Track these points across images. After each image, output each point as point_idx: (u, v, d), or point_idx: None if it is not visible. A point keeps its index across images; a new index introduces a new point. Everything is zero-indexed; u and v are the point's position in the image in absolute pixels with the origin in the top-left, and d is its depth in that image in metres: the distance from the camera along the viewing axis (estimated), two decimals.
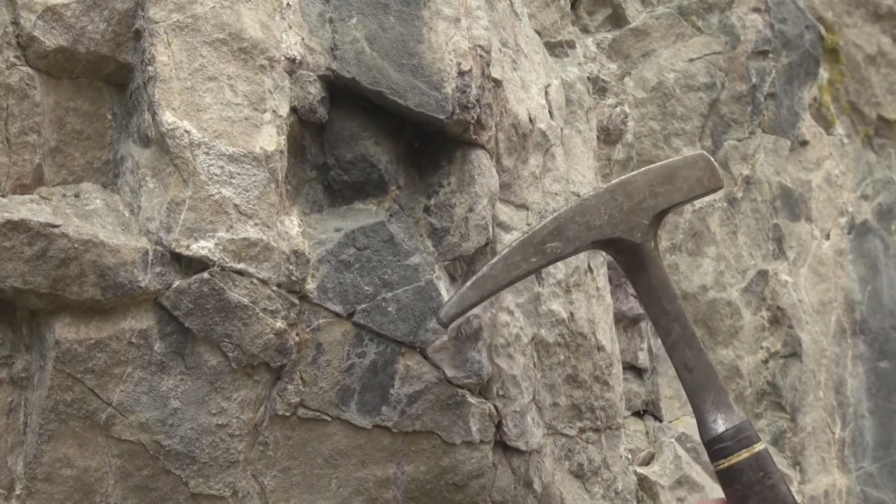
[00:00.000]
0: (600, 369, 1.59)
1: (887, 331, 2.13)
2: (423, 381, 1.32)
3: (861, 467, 2.04)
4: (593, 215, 1.35)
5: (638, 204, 1.37)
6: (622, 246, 1.37)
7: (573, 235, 1.34)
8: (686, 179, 1.39)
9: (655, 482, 1.70)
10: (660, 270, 1.39)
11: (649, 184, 1.38)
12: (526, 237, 1.31)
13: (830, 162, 2.05)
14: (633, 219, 1.36)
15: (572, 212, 1.34)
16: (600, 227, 1.35)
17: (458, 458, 1.36)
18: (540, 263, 1.32)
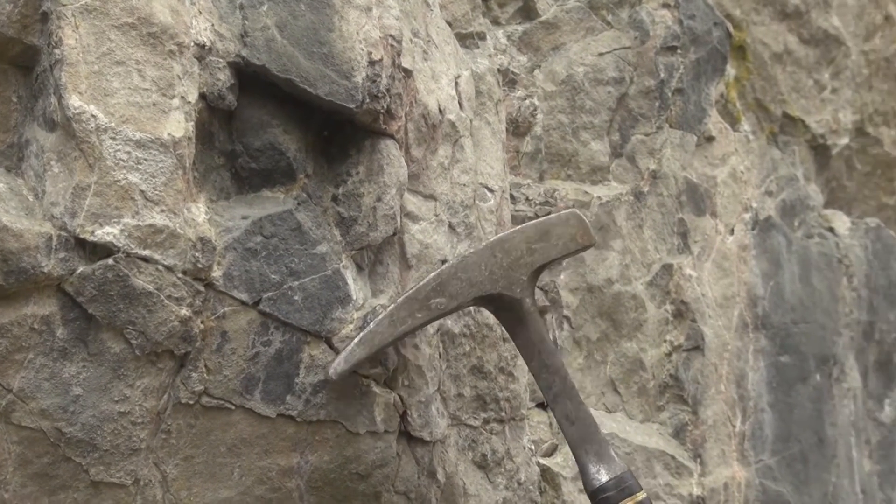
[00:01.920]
0: (505, 361, 1.65)
1: (788, 326, 2.22)
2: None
3: (760, 460, 2.12)
4: (474, 272, 1.45)
5: (516, 260, 1.47)
6: (503, 302, 1.47)
7: (456, 291, 1.44)
8: (560, 237, 1.50)
9: (558, 473, 1.77)
10: (539, 325, 1.49)
11: (526, 241, 1.49)
12: (411, 293, 1.40)
13: (736, 158, 2.13)
14: (513, 275, 1.48)
15: (454, 268, 1.43)
16: (481, 283, 1.46)
17: (363, 448, 1.40)
18: (425, 319, 1.42)
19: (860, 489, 2.39)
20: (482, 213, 1.61)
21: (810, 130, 2.35)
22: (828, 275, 2.36)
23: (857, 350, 2.45)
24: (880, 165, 2.64)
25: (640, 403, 1.94)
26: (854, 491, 2.38)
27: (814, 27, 2.37)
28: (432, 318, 1.43)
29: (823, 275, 2.34)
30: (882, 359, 2.54)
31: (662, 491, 1.94)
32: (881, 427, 2.54)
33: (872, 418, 2.52)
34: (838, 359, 2.36)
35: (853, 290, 2.43)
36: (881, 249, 2.53)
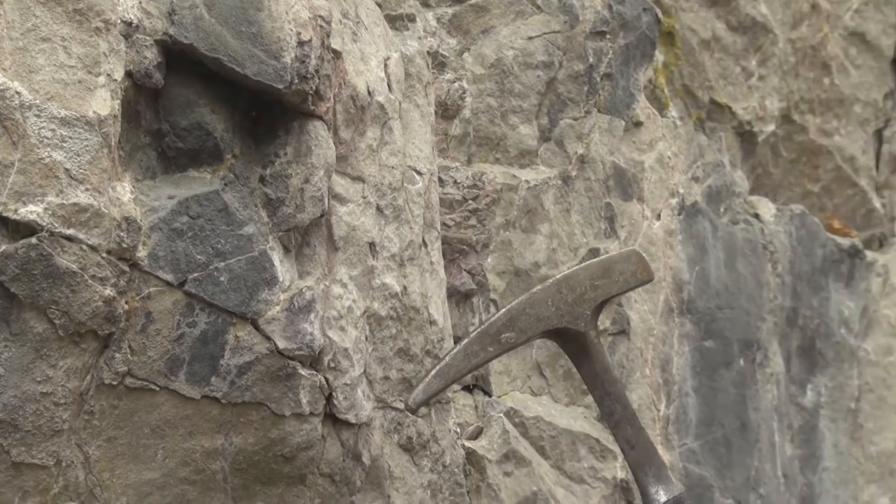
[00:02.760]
0: (432, 343, 1.67)
1: (713, 311, 2.27)
2: (254, 353, 1.37)
3: (684, 444, 2.17)
4: (542, 307, 1.62)
5: (580, 296, 1.64)
6: (568, 335, 1.64)
7: (525, 326, 1.58)
8: (622, 273, 1.67)
9: (483, 456, 1.79)
10: (602, 356, 1.69)
11: (590, 278, 1.63)
12: (483, 328, 1.54)
13: (663, 143, 2.17)
14: (577, 309, 1.61)
15: (523, 304, 1.62)
16: (548, 318, 1.60)
17: (288, 430, 1.42)
18: (496, 352, 1.57)
19: (782, 473, 2.45)
20: (410, 196, 1.63)
21: (737, 117, 2.39)
22: (752, 261, 2.40)
23: (780, 335, 2.50)
24: (805, 153, 2.69)
25: (566, 387, 1.98)
26: (776, 475, 2.44)
27: (742, 14, 2.42)
28: (503, 351, 1.57)
29: (748, 261, 2.39)
30: (805, 344, 2.60)
31: (587, 474, 1.98)
32: (803, 412, 2.60)
33: (794, 403, 2.58)
34: (762, 344, 2.41)
35: (777, 276, 2.48)
36: (805, 236, 2.59)
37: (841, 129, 2.77)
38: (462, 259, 1.80)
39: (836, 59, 2.75)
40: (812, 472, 2.59)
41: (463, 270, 1.81)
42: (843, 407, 2.74)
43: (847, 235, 2.78)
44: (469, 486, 1.77)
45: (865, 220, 2.92)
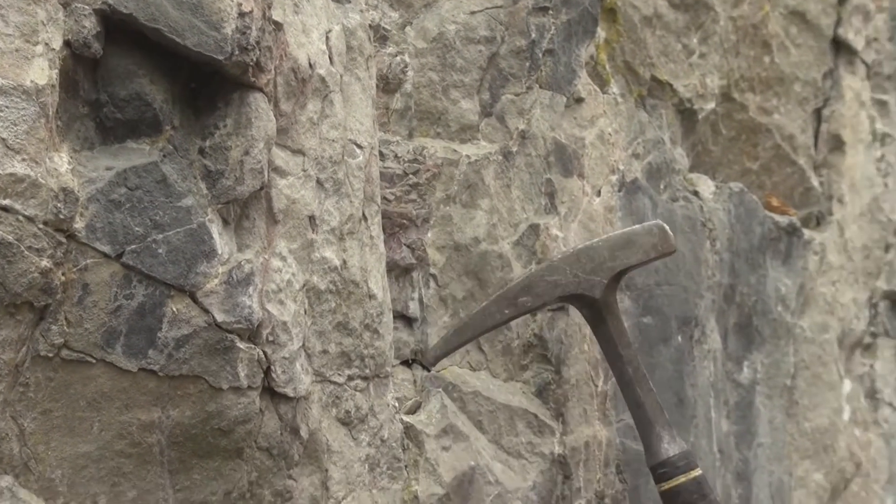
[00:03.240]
0: (371, 318, 1.69)
1: (651, 287, 2.30)
2: (192, 325, 1.38)
3: (621, 420, 2.21)
4: (560, 275, 1.72)
5: (599, 265, 1.72)
6: (584, 301, 1.73)
7: (542, 291, 1.70)
8: (643, 245, 1.73)
9: (422, 431, 1.82)
10: (617, 322, 1.78)
11: (610, 248, 1.74)
12: (502, 292, 1.69)
13: (604, 120, 2.19)
14: (594, 278, 1.72)
15: (542, 271, 1.73)
16: (565, 285, 1.72)
17: (225, 404, 1.43)
18: (513, 314, 1.71)
19: (717, 449, 2.50)
20: (351, 170, 1.64)
21: (678, 94, 2.42)
22: (692, 238, 2.44)
23: (718, 312, 2.55)
24: (745, 131, 2.74)
25: (505, 362, 2.00)
26: (712, 450, 2.48)
27: None
28: (520, 314, 1.71)
29: (687, 237, 2.43)
30: (742, 321, 2.65)
31: (525, 449, 2.01)
32: (739, 388, 2.65)
33: (731, 380, 2.63)
34: (700, 321, 2.45)
35: (716, 254, 2.52)
36: (744, 213, 2.64)
37: (780, 108, 2.82)
38: (402, 233, 1.82)
39: (777, 37, 2.79)
40: (747, 448, 2.64)
41: (403, 245, 1.83)
42: (778, 384, 2.80)
43: (785, 213, 2.83)
44: (407, 460, 1.79)
45: (803, 198, 2.97)
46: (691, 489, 1.71)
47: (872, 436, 3.32)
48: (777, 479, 2.76)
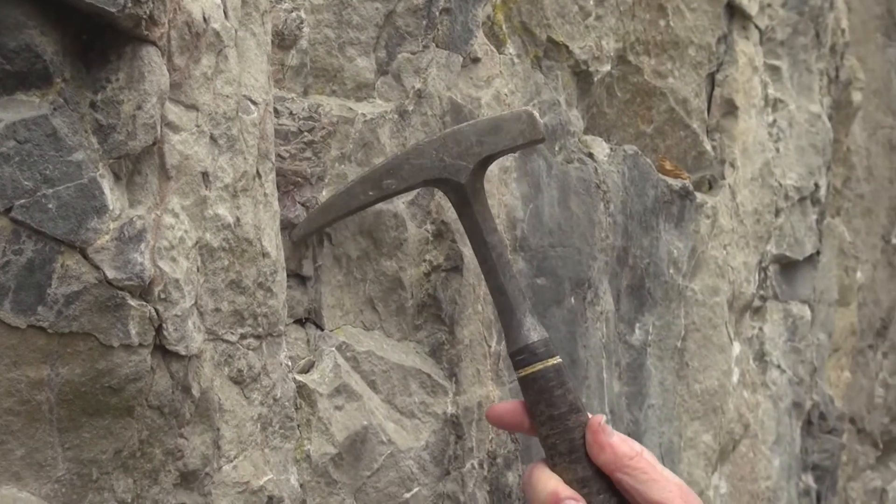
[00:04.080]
0: (264, 276, 1.71)
1: (546, 249, 2.35)
2: (82, 282, 1.38)
3: (514, 380, 2.25)
4: (426, 158, 1.75)
5: (466, 150, 1.77)
6: (450, 185, 1.75)
7: (407, 174, 1.74)
8: (510, 131, 1.77)
9: (314, 390, 1.84)
10: (483, 208, 1.78)
11: (477, 133, 1.76)
12: (366, 173, 1.71)
13: (500, 80, 2.22)
14: (460, 163, 1.74)
15: (407, 154, 1.73)
16: (431, 169, 1.75)
17: (116, 362, 1.44)
18: (377, 197, 1.74)
19: (609, 409, 2.57)
20: (245, 126, 1.65)
21: (574, 56, 2.46)
22: (586, 200, 2.49)
23: (610, 274, 2.61)
24: (640, 94, 2.79)
25: (398, 322, 2.03)
26: (603, 411, 2.55)
27: None
28: (384, 196, 1.73)
29: (582, 199, 2.48)
30: (634, 283, 2.72)
31: (418, 409, 2.05)
32: (631, 350, 2.72)
33: (623, 341, 2.70)
34: (593, 283, 2.51)
35: (609, 216, 2.58)
36: (637, 176, 2.70)
37: (675, 72, 2.88)
38: (296, 191, 1.84)
39: (672, 1, 2.85)
40: (638, 409, 2.71)
41: (297, 203, 1.84)
42: (669, 345, 2.88)
43: (678, 177, 2.90)
44: (299, 419, 1.82)
45: (696, 162, 3.05)
46: (549, 376, 1.75)
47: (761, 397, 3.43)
48: (667, 439, 2.84)
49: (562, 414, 1.75)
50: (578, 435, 1.74)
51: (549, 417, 1.76)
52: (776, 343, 3.56)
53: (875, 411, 4.85)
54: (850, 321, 4.42)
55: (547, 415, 1.76)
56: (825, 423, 3.97)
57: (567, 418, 1.75)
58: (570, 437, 1.75)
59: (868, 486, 4.83)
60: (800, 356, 3.70)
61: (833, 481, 4.05)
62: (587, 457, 1.73)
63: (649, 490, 1.72)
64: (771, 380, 3.52)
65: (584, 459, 1.73)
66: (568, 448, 1.75)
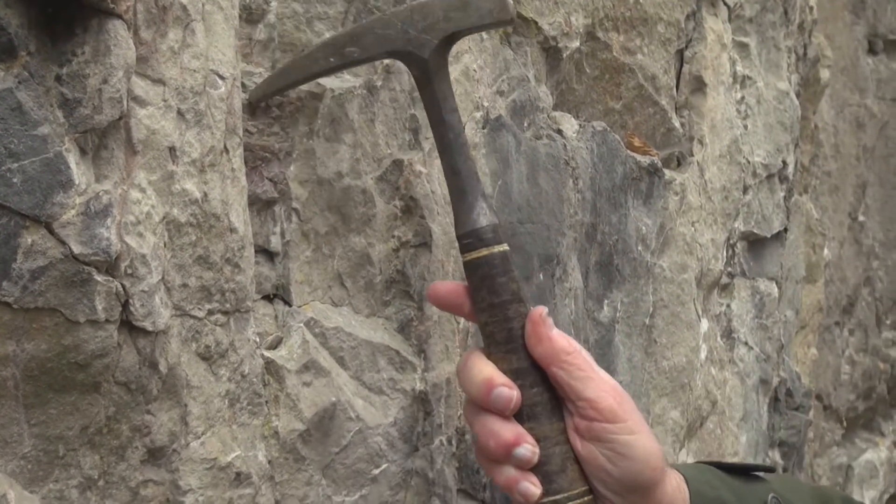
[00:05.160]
0: (232, 251, 1.71)
1: (514, 225, 2.36)
2: (48, 257, 1.38)
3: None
4: (389, 29, 1.69)
5: (431, 24, 1.68)
6: (412, 59, 1.71)
7: (369, 44, 1.69)
8: (479, 9, 1.76)
9: (282, 366, 1.84)
10: (445, 86, 1.74)
11: (444, 8, 1.70)
12: (328, 39, 1.66)
13: (469, 56, 2.23)
14: (424, 37, 1.69)
15: (372, 23, 1.68)
16: (394, 40, 1.69)
17: (82, 337, 1.44)
18: (338, 63, 1.70)
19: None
20: (212, 101, 1.65)
21: (543, 32, 2.47)
22: (555, 176, 2.50)
23: (579, 251, 2.62)
24: (608, 70, 2.80)
25: (367, 298, 2.04)
26: None
27: None
28: (345, 64, 1.70)
29: (550, 176, 2.49)
30: (603, 260, 2.74)
31: (386, 385, 2.06)
32: (599, 326, 2.74)
33: (591, 318, 2.71)
34: (561, 259, 2.52)
35: (578, 192, 2.59)
36: (606, 153, 2.71)
37: (644, 48, 2.89)
38: (264, 166, 1.84)
39: None
40: None
41: (265, 178, 1.84)
42: (638, 322, 2.90)
43: (647, 154, 2.92)
44: (267, 395, 1.82)
45: (665, 138, 3.06)
46: (494, 262, 1.73)
47: (728, 374, 3.46)
48: None
49: (503, 302, 1.73)
50: (518, 325, 1.72)
51: (490, 305, 1.73)
52: (743, 320, 3.59)
53: (841, 388, 4.90)
54: (817, 298, 4.46)
55: (488, 302, 1.73)
56: (792, 399, 4.01)
57: (508, 307, 1.73)
58: (509, 327, 1.73)
59: (834, 462, 4.88)
60: (767, 333, 3.74)
61: (799, 458, 4.09)
62: (524, 348, 1.72)
63: (583, 387, 1.72)
64: (738, 356, 3.55)
65: (522, 350, 1.72)
66: (505, 337, 1.73)
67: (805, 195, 4.25)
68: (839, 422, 4.86)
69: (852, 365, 4.93)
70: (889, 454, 5.22)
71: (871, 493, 4.99)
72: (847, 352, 4.89)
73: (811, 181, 4.35)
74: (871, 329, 5.05)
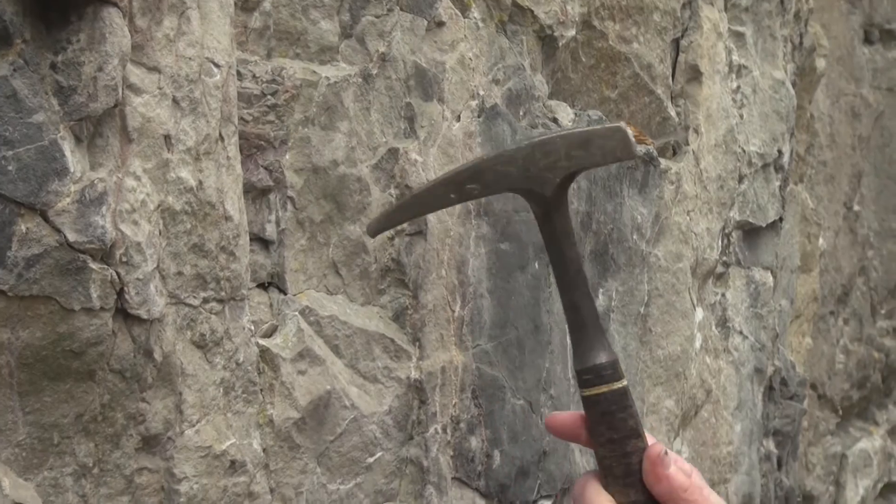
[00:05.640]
0: (227, 239, 1.71)
1: (510, 213, 2.36)
2: (43, 245, 1.38)
3: (478, 345, 2.27)
4: (511, 166, 1.69)
5: (553, 163, 1.66)
6: (533, 196, 1.69)
7: (490, 181, 1.69)
8: (601, 148, 1.74)
9: (277, 354, 1.85)
10: (564, 221, 1.72)
11: (567, 147, 1.67)
12: (450, 175, 1.66)
13: (465, 45, 2.23)
14: (546, 175, 1.66)
15: (493, 160, 1.68)
16: (515, 178, 1.69)
17: (77, 325, 1.44)
18: (458, 199, 1.71)
19: (572, 375, 2.59)
20: (208, 89, 1.65)
21: (539, 21, 2.46)
22: None
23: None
24: (604, 59, 2.80)
25: (362, 286, 2.04)
26: (566, 377, 2.57)
27: None
28: (465, 199, 1.71)
29: None
30: (598, 249, 2.74)
31: (381, 374, 2.06)
32: None
33: None
34: None
35: (574, 181, 2.59)
36: None
37: (640, 37, 2.89)
38: (259, 155, 1.84)
39: None
40: None
41: (260, 166, 1.84)
42: (632, 311, 2.90)
43: (642, 143, 2.92)
44: (262, 383, 1.82)
45: (660, 127, 3.06)
46: (613, 399, 1.74)
47: (723, 363, 3.47)
48: None
49: (622, 438, 1.76)
50: (636, 460, 1.75)
51: (609, 440, 1.76)
52: (738, 309, 3.60)
53: (836, 377, 4.91)
54: (812, 288, 4.47)
55: (607, 437, 1.76)
56: (786, 388, 4.01)
57: (626, 443, 1.76)
58: (627, 462, 1.75)
59: (828, 451, 4.90)
60: (762, 322, 3.74)
61: (794, 447, 4.10)
62: (642, 482, 1.75)
63: None
64: (733, 346, 3.55)
65: (639, 485, 1.74)
66: (624, 472, 1.76)
67: (800, 184, 4.26)
68: (834, 411, 4.87)
69: (847, 354, 4.94)
70: (883, 443, 5.23)
71: (865, 482, 5.00)
72: (842, 341, 4.90)
73: (806, 170, 4.36)
74: (865, 318, 5.06)
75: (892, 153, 5.10)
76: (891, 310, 5.23)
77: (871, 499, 5.09)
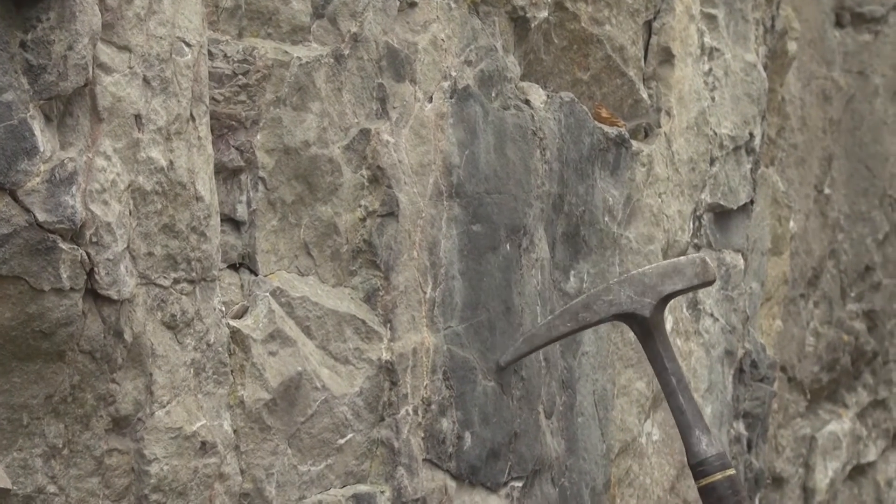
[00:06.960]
0: (198, 220, 1.71)
1: (482, 195, 2.37)
2: (13, 225, 1.38)
3: (449, 327, 2.28)
4: (615, 295, 2.16)
5: (650, 288, 2.13)
6: (635, 319, 2.16)
7: (599, 309, 2.17)
8: (687, 274, 2.17)
9: (248, 335, 1.85)
10: (664, 338, 2.18)
11: (660, 275, 2.17)
12: (566, 308, 2.21)
13: (437, 25, 2.22)
14: (645, 300, 2.14)
15: (600, 292, 2.17)
16: (620, 304, 2.16)
17: (47, 306, 1.44)
18: (574, 328, 2.21)
19: (543, 357, 2.59)
20: (179, 68, 1.65)
21: (511, 2, 2.46)
22: (522, 146, 2.51)
23: (546, 222, 2.63)
24: (577, 41, 2.80)
25: (333, 267, 2.04)
26: (538, 358, 2.58)
27: None
28: (580, 327, 2.20)
29: (518, 146, 2.49)
30: (570, 231, 2.74)
31: (352, 355, 2.06)
32: (565, 297, 2.75)
33: (558, 289, 2.72)
34: (528, 230, 2.53)
35: (546, 163, 2.60)
36: (574, 124, 2.71)
37: (612, 19, 2.89)
38: (231, 135, 1.84)
39: None
40: (572, 357, 2.74)
41: (231, 146, 1.84)
42: None
43: (614, 125, 2.92)
44: (233, 365, 1.83)
45: (632, 110, 3.07)
46: (725, 485, 2.06)
47: (694, 345, 3.49)
48: (601, 387, 2.87)
49: None
50: None
51: None
52: (709, 291, 3.61)
53: (805, 360, 4.94)
54: (783, 270, 4.49)
55: None
56: (756, 371, 4.04)
57: None
58: None
59: (798, 433, 4.93)
60: (732, 305, 3.76)
61: (764, 429, 4.12)
62: None
63: None
64: (704, 328, 3.57)
65: None
66: None
67: (771, 167, 4.27)
68: (803, 393, 4.90)
69: (817, 337, 4.97)
70: (852, 426, 5.27)
71: (835, 465, 5.04)
72: (812, 324, 4.93)
73: (778, 153, 4.37)
74: (835, 301, 5.09)
75: (863, 136, 5.12)
76: (860, 293, 5.27)
77: (840, 481, 5.14)
